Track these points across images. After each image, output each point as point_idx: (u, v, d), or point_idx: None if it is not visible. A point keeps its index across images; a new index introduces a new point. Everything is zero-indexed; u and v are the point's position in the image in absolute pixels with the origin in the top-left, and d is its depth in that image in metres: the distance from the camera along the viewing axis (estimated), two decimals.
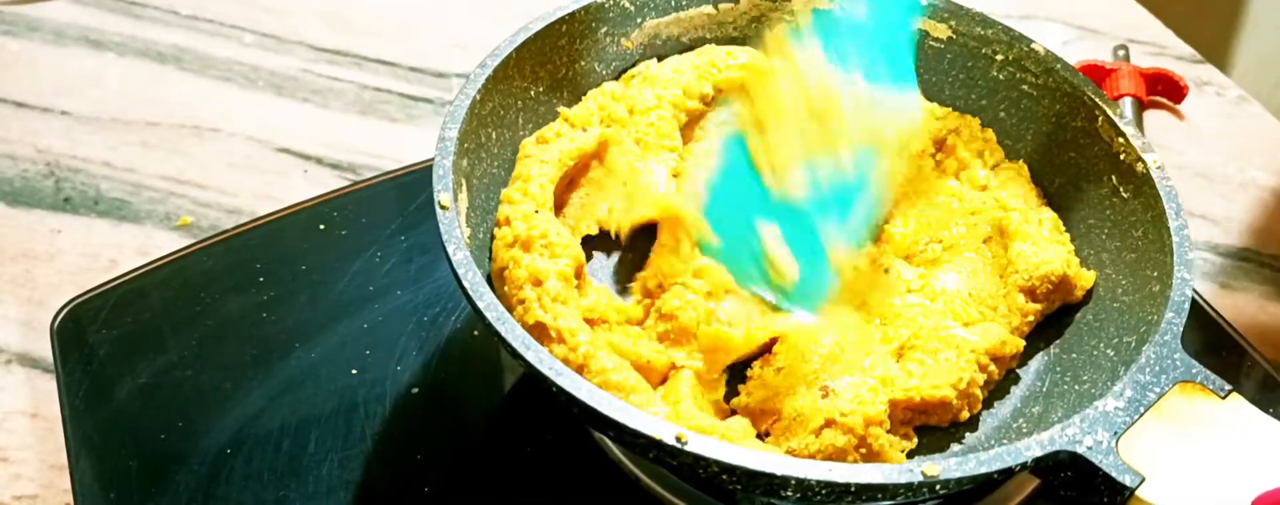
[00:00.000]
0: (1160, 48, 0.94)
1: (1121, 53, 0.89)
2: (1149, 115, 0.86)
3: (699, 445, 0.43)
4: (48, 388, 0.62)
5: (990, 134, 0.64)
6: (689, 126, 0.65)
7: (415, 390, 0.62)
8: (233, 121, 0.80)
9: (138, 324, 0.64)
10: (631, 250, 0.62)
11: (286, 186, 0.75)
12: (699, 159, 0.63)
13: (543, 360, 0.46)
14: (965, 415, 0.54)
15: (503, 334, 0.47)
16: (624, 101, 0.63)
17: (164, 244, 0.71)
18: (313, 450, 0.59)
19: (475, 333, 0.65)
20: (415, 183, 0.73)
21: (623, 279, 0.61)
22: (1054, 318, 0.59)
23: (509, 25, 0.60)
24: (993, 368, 0.55)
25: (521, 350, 0.46)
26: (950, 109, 0.66)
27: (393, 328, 0.65)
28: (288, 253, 0.69)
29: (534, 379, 0.46)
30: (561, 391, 0.45)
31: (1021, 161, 0.63)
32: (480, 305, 0.48)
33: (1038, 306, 0.57)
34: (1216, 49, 1.30)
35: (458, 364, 0.64)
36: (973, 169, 0.63)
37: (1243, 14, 1.30)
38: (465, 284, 0.48)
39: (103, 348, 0.63)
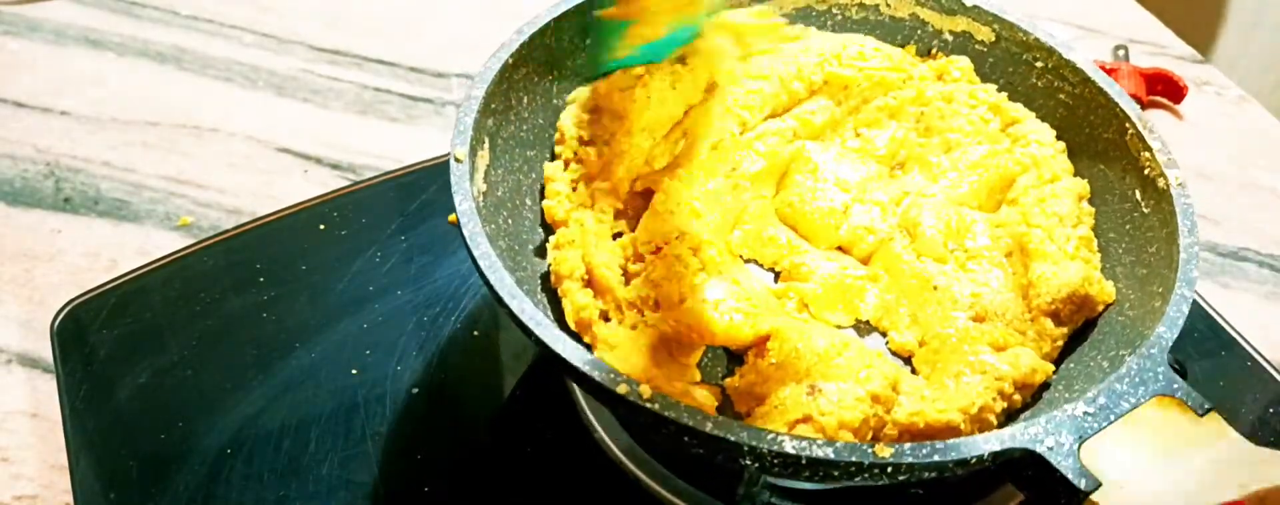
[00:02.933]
0: (1160, 48, 0.94)
1: (1121, 53, 0.89)
2: (1149, 115, 0.86)
3: (658, 404, 0.44)
4: (48, 388, 0.62)
5: (1061, 147, 0.63)
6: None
7: (415, 390, 0.62)
8: (233, 121, 0.80)
9: (138, 324, 0.64)
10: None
11: (286, 186, 0.75)
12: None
13: (525, 311, 0.47)
14: None
15: (493, 284, 0.48)
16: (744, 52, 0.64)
17: (164, 244, 0.71)
18: (313, 450, 0.59)
19: (475, 332, 0.65)
20: (415, 183, 0.73)
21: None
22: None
23: (510, 25, 0.60)
24: (1017, 396, 0.54)
25: (507, 299, 0.48)
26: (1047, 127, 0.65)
27: (393, 328, 0.65)
28: (288, 253, 0.69)
29: (517, 325, 0.47)
30: (539, 342, 0.46)
31: (1085, 181, 0.62)
32: (475, 253, 0.49)
33: (1064, 330, 0.57)
34: (1216, 49, 1.30)
35: (458, 364, 0.64)
36: (1023, 190, 0.62)
37: (1243, 14, 1.30)
38: (465, 233, 0.50)
39: (103, 348, 0.63)
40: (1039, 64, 0.64)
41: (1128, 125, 0.59)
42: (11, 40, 0.85)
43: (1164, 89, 0.87)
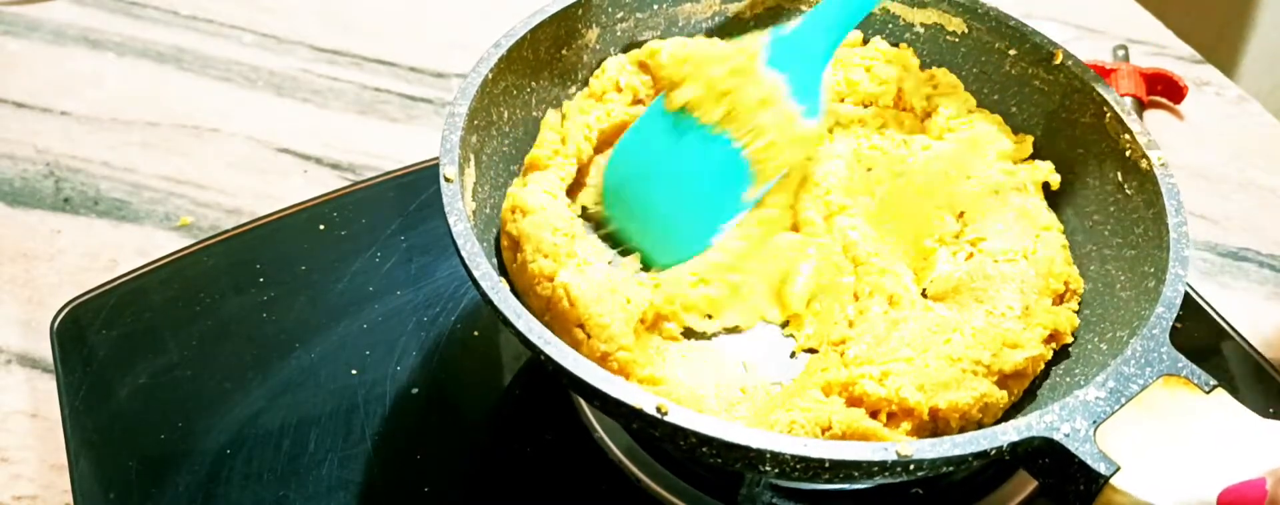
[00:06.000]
0: (1160, 48, 0.94)
1: (1121, 53, 0.89)
2: (1149, 115, 0.86)
3: (678, 416, 0.44)
4: (48, 388, 0.62)
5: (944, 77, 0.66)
6: None
7: (415, 390, 0.62)
8: (233, 121, 0.80)
9: (138, 324, 0.64)
10: None
11: (286, 186, 0.75)
12: None
13: (533, 330, 0.47)
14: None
15: (496, 304, 0.47)
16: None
17: (164, 244, 0.71)
18: (313, 450, 0.59)
19: (475, 333, 0.65)
20: (415, 183, 0.73)
21: None
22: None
23: (510, 25, 0.60)
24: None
25: (513, 319, 0.47)
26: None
27: (393, 328, 0.65)
28: (288, 253, 0.69)
29: (522, 342, 0.47)
30: (549, 360, 0.46)
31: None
32: (476, 275, 0.48)
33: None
34: (1216, 49, 1.30)
35: (458, 364, 0.64)
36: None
37: (1243, 14, 1.31)
38: (464, 254, 0.49)
39: (103, 348, 0.63)
40: (1012, 52, 0.64)
41: (1105, 109, 0.60)
42: (11, 40, 0.85)
43: (1164, 89, 0.87)
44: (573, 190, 0.61)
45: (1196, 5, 1.24)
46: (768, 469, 0.45)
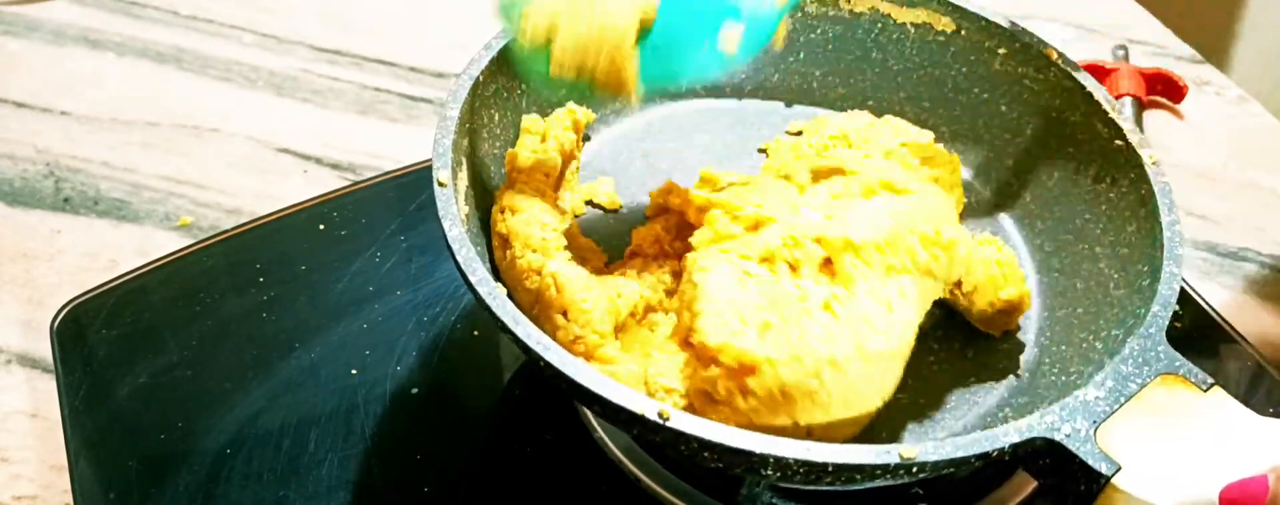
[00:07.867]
0: (1160, 48, 0.94)
1: (1121, 53, 0.89)
2: (1149, 115, 0.86)
3: (680, 422, 0.44)
4: (48, 388, 0.62)
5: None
6: None
7: (415, 390, 0.62)
8: (233, 121, 0.80)
9: (138, 324, 0.64)
10: None
11: (286, 186, 0.75)
12: None
13: (531, 335, 0.46)
14: None
15: (494, 309, 0.47)
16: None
17: (164, 244, 0.71)
18: (313, 450, 0.59)
19: (475, 333, 0.65)
20: (415, 183, 0.73)
21: None
22: (1046, 311, 0.60)
23: None
24: None
25: (511, 325, 0.47)
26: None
27: (393, 328, 0.65)
28: (288, 253, 0.69)
29: (522, 349, 0.47)
30: (548, 366, 0.46)
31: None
32: (473, 280, 0.48)
33: None
34: (1216, 49, 1.30)
35: (458, 364, 0.64)
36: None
37: (1243, 14, 1.30)
38: (459, 259, 0.49)
39: (103, 348, 0.63)
40: (1001, 51, 0.64)
41: (1096, 107, 0.60)
42: (11, 40, 0.86)
43: (1164, 89, 0.87)
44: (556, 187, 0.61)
45: (1196, 5, 1.24)
46: (770, 473, 0.45)
